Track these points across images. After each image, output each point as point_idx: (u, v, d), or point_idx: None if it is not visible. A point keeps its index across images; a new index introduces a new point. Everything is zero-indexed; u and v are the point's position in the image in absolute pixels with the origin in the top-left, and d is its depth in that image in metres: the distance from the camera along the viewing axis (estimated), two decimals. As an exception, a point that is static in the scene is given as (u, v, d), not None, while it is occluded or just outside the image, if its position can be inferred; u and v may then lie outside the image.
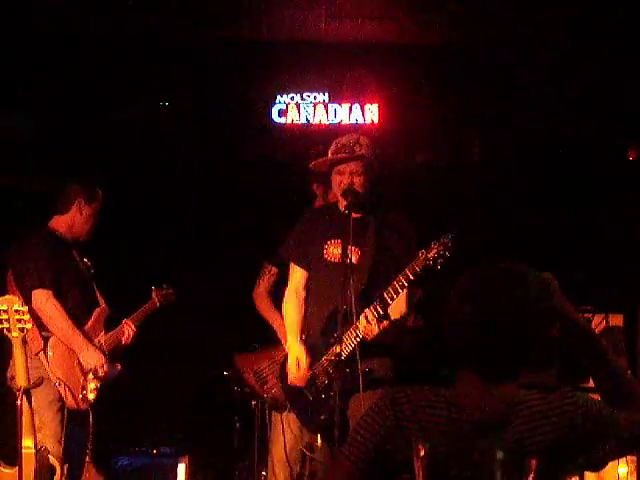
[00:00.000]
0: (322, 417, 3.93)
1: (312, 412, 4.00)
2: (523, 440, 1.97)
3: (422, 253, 3.80)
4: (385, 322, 3.89)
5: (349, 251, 3.81)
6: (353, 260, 3.90)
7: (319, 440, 4.11)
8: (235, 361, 4.91)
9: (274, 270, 4.97)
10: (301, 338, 4.12)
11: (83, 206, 4.79)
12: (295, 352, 4.05)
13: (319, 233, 4.11)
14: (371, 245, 4.01)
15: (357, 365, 3.78)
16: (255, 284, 5.07)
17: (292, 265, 4.23)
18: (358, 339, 3.86)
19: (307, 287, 4.17)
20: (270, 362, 4.56)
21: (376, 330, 3.86)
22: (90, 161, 5.98)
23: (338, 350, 3.73)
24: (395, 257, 4.00)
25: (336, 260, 3.97)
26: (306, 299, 4.17)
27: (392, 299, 3.86)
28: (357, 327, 3.85)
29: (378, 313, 3.86)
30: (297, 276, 4.19)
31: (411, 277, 3.81)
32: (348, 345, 3.86)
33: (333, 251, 4.02)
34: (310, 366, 4.02)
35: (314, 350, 4.04)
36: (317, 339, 4.04)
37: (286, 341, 4.23)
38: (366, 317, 3.85)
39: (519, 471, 1.90)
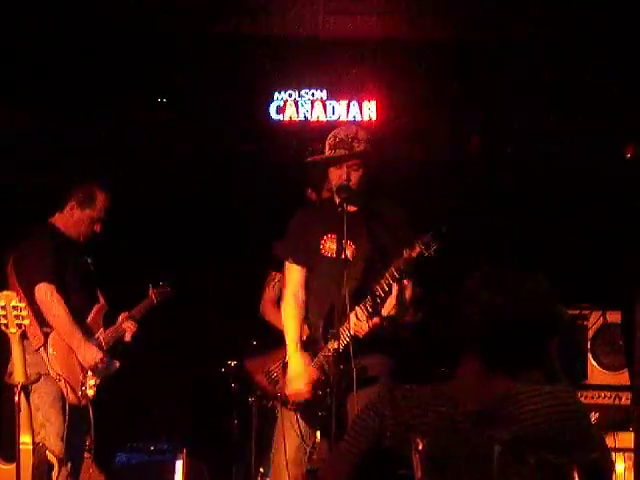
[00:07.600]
0: (320, 413, 3.92)
1: (310, 408, 3.99)
2: (518, 431, 1.97)
3: (406, 252, 3.78)
4: (376, 319, 3.87)
5: (345, 246, 3.80)
6: (348, 255, 3.88)
7: (318, 436, 4.12)
8: (245, 365, 4.90)
9: (279, 276, 4.89)
10: (301, 339, 4.08)
11: (75, 210, 4.76)
12: (294, 365, 3.99)
13: (315, 228, 4.08)
14: (364, 239, 3.99)
15: (351, 362, 3.76)
16: (262, 293, 5.07)
17: (289, 265, 4.15)
18: (349, 336, 3.83)
19: (306, 284, 4.12)
20: (280, 362, 4.53)
21: (366, 327, 3.85)
22: (88, 158, 5.97)
23: (335, 346, 3.73)
24: (384, 251, 3.98)
25: (333, 255, 3.96)
26: (306, 297, 4.13)
27: (381, 297, 3.85)
28: (349, 324, 3.83)
29: (367, 310, 3.86)
30: (294, 276, 4.12)
31: (396, 275, 3.80)
32: (343, 342, 3.81)
33: (330, 246, 4.01)
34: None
35: (315, 346, 4.01)
36: (318, 335, 4.01)
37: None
38: (356, 314, 3.85)
39: (515, 463, 1.91)
